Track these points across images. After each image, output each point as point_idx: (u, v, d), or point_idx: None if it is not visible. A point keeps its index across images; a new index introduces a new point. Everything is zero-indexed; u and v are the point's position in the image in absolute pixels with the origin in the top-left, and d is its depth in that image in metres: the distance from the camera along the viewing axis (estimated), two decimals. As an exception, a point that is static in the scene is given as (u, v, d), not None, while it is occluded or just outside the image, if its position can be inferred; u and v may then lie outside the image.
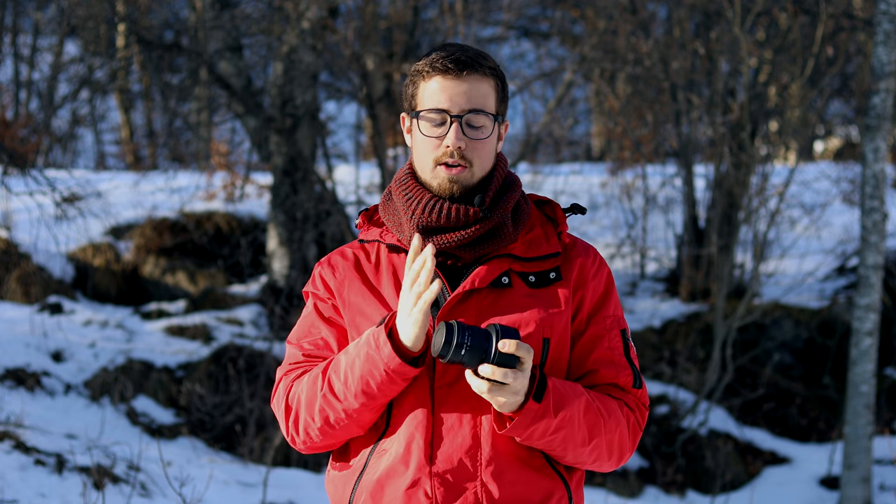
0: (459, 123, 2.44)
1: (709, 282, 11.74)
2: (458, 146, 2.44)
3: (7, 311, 10.52)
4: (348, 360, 2.41)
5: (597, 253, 2.56)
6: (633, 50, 12.09)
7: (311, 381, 2.47)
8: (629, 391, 2.49)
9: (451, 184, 2.46)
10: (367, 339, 2.39)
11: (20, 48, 18.17)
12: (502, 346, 2.25)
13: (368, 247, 2.58)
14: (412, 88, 2.51)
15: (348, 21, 11.83)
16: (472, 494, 2.39)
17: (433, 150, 2.47)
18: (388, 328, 2.37)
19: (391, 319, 2.38)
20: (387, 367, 2.36)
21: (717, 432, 10.34)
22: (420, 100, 2.49)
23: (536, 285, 2.47)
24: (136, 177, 14.08)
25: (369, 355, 2.37)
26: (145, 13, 12.82)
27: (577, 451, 2.41)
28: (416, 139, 2.50)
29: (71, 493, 6.86)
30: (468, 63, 2.44)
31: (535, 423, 2.33)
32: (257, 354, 9.99)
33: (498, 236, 2.47)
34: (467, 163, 2.46)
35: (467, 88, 2.45)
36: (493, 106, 2.48)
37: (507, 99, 2.55)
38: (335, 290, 2.54)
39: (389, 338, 2.36)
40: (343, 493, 2.49)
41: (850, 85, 14.01)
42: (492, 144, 2.49)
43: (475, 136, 2.46)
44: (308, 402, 2.47)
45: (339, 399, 2.42)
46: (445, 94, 2.45)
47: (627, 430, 2.46)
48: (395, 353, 2.34)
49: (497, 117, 2.48)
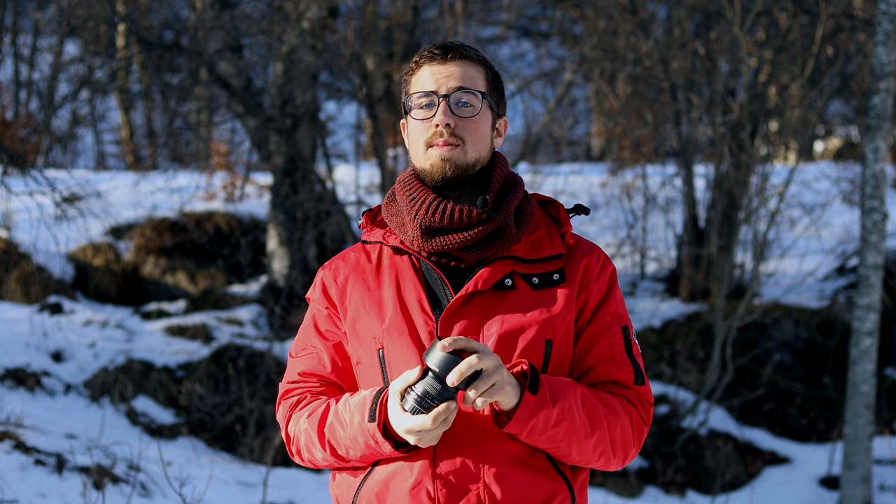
0: (448, 102, 2.46)
1: (709, 282, 11.74)
2: (446, 122, 2.45)
3: (7, 311, 10.52)
4: (346, 438, 2.43)
5: (601, 251, 2.55)
6: (633, 50, 12.09)
7: (307, 434, 2.50)
8: (630, 387, 2.49)
9: (443, 162, 2.46)
10: (362, 430, 2.39)
11: (20, 48, 18.17)
12: (451, 381, 2.28)
13: (370, 248, 2.58)
14: (404, 87, 2.54)
15: (348, 21, 11.83)
16: (474, 496, 2.39)
17: (424, 133, 2.48)
18: (381, 425, 2.37)
19: (381, 412, 2.38)
20: (390, 455, 2.41)
21: (717, 432, 10.34)
22: (411, 91, 2.52)
23: (540, 287, 2.47)
24: (136, 177, 14.08)
25: (369, 445, 2.40)
26: (145, 13, 12.82)
27: (582, 445, 2.40)
28: (410, 130, 2.52)
29: (71, 493, 6.86)
30: (453, 48, 2.49)
31: (535, 414, 2.33)
32: (257, 354, 9.99)
33: (501, 238, 2.47)
34: (458, 140, 2.46)
35: (454, 70, 2.48)
36: (483, 87, 2.50)
37: (500, 91, 2.56)
38: (335, 297, 2.55)
39: (385, 435, 2.38)
40: (347, 496, 2.50)
41: (850, 85, 14.00)
42: (484, 125, 2.50)
43: (464, 114, 2.47)
44: (308, 448, 2.51)
45: (344, 460, 2.48)
46: (433, 77, 2.48)
47: (630, 426, 2.45)
48: (395, 449, 2.38)
49: (486, 96, 2.49)
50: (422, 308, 2.45)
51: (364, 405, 2.39)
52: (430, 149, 2.47)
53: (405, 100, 2.53)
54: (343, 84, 13.64)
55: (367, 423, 2.37)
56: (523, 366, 2.36)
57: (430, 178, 2.48)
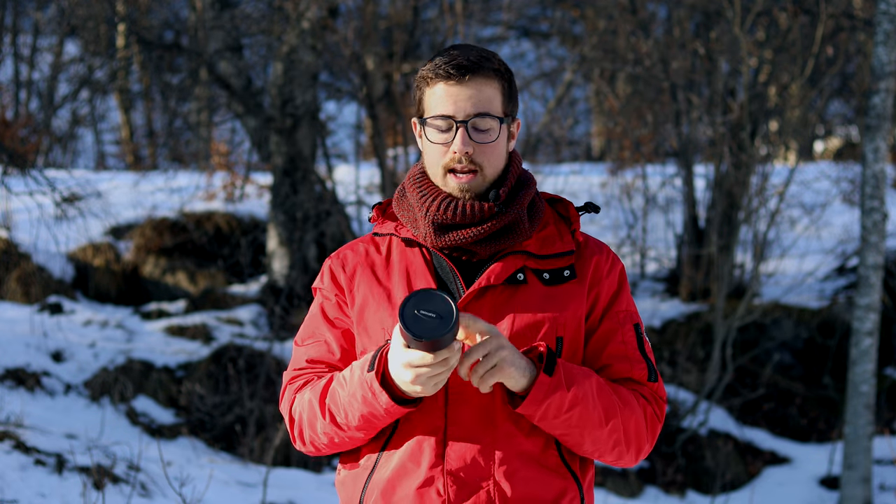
0: (465, 128, 2.42)
1: (709, 282, 11.74)
2: (465, 151, 2.42)
3: (7, 311, 10.52)
4: (346, 396, 2.39)
5: (609, 250, 2.55)
6: (633, 50, 12.09)
7: (310, 403, 2.46)
8: (644, 384, 2.48)
9: (462, 193, 2.45)
10: (360, 382, 2.36)
11: (20, 48, 18.16)
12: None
13: (380, 240, 2.57)
14: (418, 94, 2.50)
15: (348, 21, 11.83)
16: (484, 493, 2.38)
17: (441, 157, 2.45)
18: (379, 374, 2.34)
19: (381, 362, 2.35)
20: (387, 410, 2.35)
21: (717, 432, 10.34)
22: (426, 106, 2.47)
23: (551, 283, 2.46)
24: (136, 177, 14.08)
25: (366, 399, 2.36)
26: (145, 13, 12.82)
27: (595, 433, 2.38)
28: (426, 146, 2.49)
29: (71, 493, 6.86)
30: (471, 67, 2.42)
31: (549, 396, 2.32)
32: (257, 354, 9.99)
33: (514, 232, 2.47)
34: (477, 167, 2.44)
35: (472, 93, 2.42)
36: (500, 108, 2.46)
37: (515, 97, 2.52)
38: (343, 284, 2.53)
39: (384, 386, 2.34)
40: (353, 493, 2.48)
41: (850, 85, 14.00)
42: (501, 147, 2.47)
43: (482, 140, 2.44)
44: (310, 422, 2.47)
45: (342, 429, 2.43)
46: (450, 99, 2.43)
47: (644, 420, 2.44)
48: (392, 401, 2.33)
49: (504, 119, 2.46)
50: None
51: (365, 360, 2.38)
52: (449, 175, 2.45)
53: (419, 107, 2.49)
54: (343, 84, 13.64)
55: (366, 373, 2.34)
56: (541, 348, 2.36)
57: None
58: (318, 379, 2.50)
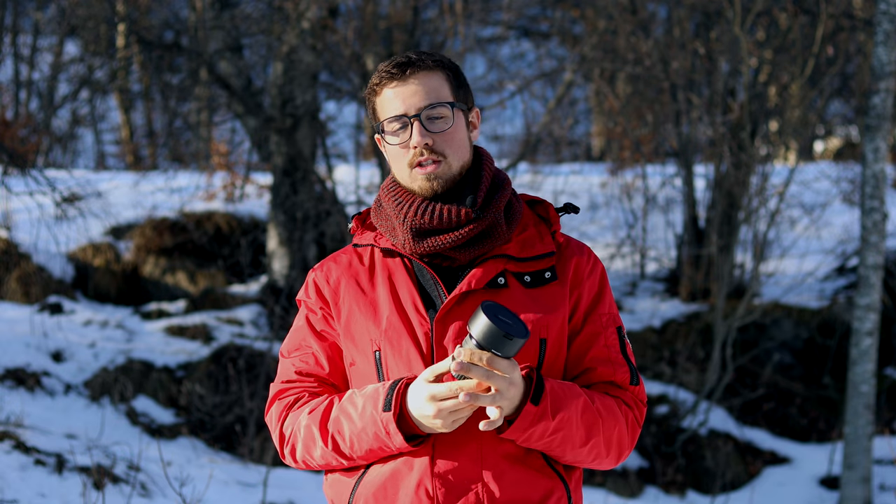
0: (420, 121, 2.44)
1: (709, 282, 11.74)
2: (424, 143, 2.44)
3: (7, 311, 10.52)
4: (355, 430, 2.40)
5: (590, 251, 2.56)
6: (633, 50, 12.09)
7: (308, 429, 2.47)
8: (626, 388, 2.50)
9: (430, 182, 2.46)
10: (373, 419, 2.38)
11: (20, 48, 18.16)
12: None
13: (362, 251, 2.58)
14: (370, 108, 2.53)
15: (348, 21, 11.83)
16: (473, 495, 2.39)
17: (405, 156, 2.47)
18: (396, 414, 2.36)
19: (397, 402, 2.36)
20: (399, 448, 2.39)
21: (717, 432, 10.34)
22: (379, 114, 2.50)
23: (532, 285, 2.47)
24: (136, 177, 14.08)
25: (378, 436, 2.38)
26: (145, 13, 12.82)
27: (576, 451, 2.42)
28: (389, 152, 2.51)
29: (71, 493, 6.86)
30: (410, 63, 2.46)
31: (534, 425, 2.34)
32: (257, 354, 9.99)
33: (492, 236, 2.47)
34: (440, 156, 2.45)
35: (417, 87, 2.45)
36: (449, 96, 2.48)
37: (465, 86, 2.53)
38: (329, 297, 2.54)
39: (399, 426, 2.36)
40: (342, 495, 2.49)
41: (850, 85, 14.00)
42: (460, 134, 2.49)
43: (438, 129, 2.45)
44: (306, 445, 2.48)
45: (347, 458, 2.45)
46: (398, 99, 2.46)
47: (626, 428, 2.47)
48: (406, 442, 2.36)
49: (455, 104, 2.48)
50: (416, 309, 2.45)
51: (377, 396, 2.38)
52: (415, 170, 2.47)
53: (376, 124, 2.52)
54: (343, 84, 13.63)
55: (381, 412, 2.36)
56: (530, 372, 2.37)
57: (421, 196, 2.49)
58: (310, 397, 2.51)
